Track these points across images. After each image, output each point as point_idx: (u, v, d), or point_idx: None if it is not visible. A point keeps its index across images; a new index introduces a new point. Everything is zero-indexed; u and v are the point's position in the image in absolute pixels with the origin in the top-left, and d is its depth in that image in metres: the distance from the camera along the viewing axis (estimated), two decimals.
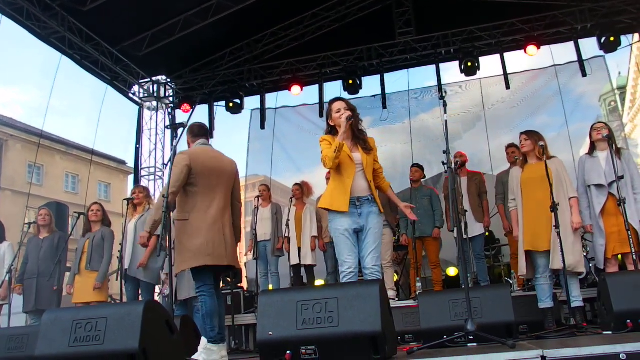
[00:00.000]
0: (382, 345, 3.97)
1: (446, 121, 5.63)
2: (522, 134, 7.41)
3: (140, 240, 6.15)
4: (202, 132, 6.47)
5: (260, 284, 10.50)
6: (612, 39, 12.71)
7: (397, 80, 15.58)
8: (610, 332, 5.39)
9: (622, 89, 43.51)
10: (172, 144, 14.66)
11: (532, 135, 7.22)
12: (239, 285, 11.79)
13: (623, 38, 12.89)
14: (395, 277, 10.91)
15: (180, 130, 6.56)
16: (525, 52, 13.35)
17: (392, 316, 4.64)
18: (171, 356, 4.63)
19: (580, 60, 13.84)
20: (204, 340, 5.91)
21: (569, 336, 5.84)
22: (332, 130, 5.80)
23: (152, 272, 8.51)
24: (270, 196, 10.94)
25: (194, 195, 5.97)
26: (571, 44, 13.89)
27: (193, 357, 5.70)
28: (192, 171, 5.92)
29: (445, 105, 5.69)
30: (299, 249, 10.51)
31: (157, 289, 9.33)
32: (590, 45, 13.61)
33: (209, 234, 5.85)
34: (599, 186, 7.12)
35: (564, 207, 6.78)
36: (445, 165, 5.54)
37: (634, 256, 6.66)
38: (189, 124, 6.61)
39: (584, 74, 13.84)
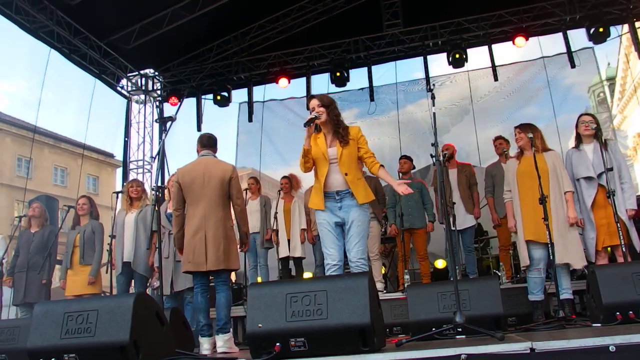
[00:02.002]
0: (370, 337, 3.98)
1: (434, 113, 5.62)
2: (515, 128, 7.38)
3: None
4: (210, 144, 6.84)
5: (249, 277, 10.54)
6: (601, 30, 12.75)
7: (385, 73, 15.60)
8: (599, 325, 5.37)
9: (611, 80, 43.42)
10: (160, 137, 14.70)
11: (526, 129, 7.20)
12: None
13: (612, 29, 12.93)
14: (383, 270, 10.93)
15: (168, 124, 6.71)
16: (513, 43, 13.36)
17: (381, 308, 4.65)
18: (161, 348, 4.65)
19: (569, 52, 13.89)
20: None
21: (558, 328, 5.84)
22: (316, 127, 5.86)
23: (147, 265, 8.63)
24: (259, 189, 10.92)
25: (187, 207, 6.51)
26: (560, 35, 13.94)
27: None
28: (181, 186, 6.43)
29: (433, 97, 5.68)
30: (289, 241, 10.52)
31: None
32: (579, 37, 13.67)
33: (191, 242, 6.29)
34: (588, 179, 7.09)
35: (560, 200, 6.82)
36: (434, 158, 5.54)
37: (623, 248, 6.68)
38: (200, 134, 7.03)
39: (573, 66, 13.89)
